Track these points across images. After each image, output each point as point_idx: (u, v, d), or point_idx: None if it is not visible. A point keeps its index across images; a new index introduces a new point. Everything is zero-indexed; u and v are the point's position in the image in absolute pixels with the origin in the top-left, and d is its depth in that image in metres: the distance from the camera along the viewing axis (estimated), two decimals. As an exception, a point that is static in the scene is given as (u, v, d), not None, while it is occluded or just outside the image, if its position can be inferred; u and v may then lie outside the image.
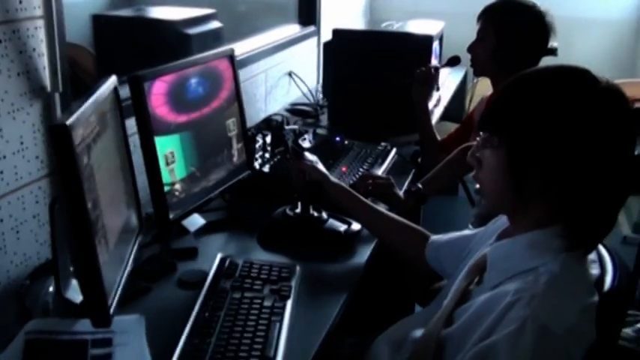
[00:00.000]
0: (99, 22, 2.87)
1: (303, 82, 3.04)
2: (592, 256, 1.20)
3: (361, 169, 2.11)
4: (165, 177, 1.58)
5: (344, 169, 2.11)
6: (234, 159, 1.88)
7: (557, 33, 2.19)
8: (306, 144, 1.80)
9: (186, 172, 1.67)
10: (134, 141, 1.56)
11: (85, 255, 1.11)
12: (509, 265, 1.14)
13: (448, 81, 3.46)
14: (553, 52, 2.21)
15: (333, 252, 1.70)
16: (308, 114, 2.89)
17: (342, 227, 1.78)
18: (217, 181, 1.80)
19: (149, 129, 1.52)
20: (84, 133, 1.15)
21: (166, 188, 1.59)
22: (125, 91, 1.52)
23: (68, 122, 1.06)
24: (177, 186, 1.64)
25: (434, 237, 1.58)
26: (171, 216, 1.61)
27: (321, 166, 1.74)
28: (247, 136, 1.93)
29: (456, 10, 4.09)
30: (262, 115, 2.82)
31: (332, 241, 1.74)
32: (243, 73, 2.68)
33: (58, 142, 1.06)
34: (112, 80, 1.42)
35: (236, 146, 1.89)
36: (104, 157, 1.27)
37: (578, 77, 1.12)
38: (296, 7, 3.35)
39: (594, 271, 1.20)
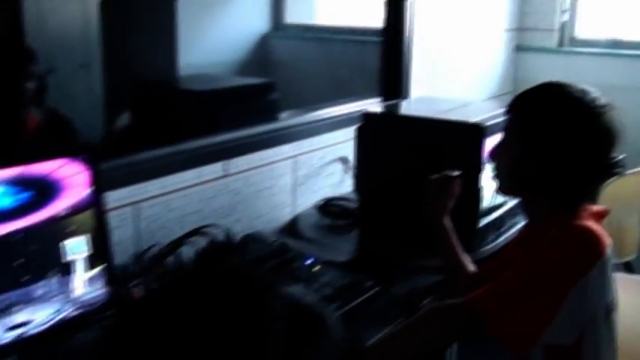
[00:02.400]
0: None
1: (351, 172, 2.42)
2: None
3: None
4: None
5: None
6: (76, 292, 1.38)
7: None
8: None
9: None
10: None
11: None
12: None
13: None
14: (613, 170, 1.37)
15: None
16: (342, 214, 2.25)
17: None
18: (30, 323, 1.31)
19: None
20: None
21: None
22: None
23: None
24: None
25: None
26: None
27: None
28: (110, 262, 1.42)
29: (623, 83, 3.16)
30: (287, 214, 2.29)
31: None
32: (258, 157, 2.17)
33: None
34: None
35: (83, 275, 1.38)
36: None
37: None
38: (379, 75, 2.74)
39: None
